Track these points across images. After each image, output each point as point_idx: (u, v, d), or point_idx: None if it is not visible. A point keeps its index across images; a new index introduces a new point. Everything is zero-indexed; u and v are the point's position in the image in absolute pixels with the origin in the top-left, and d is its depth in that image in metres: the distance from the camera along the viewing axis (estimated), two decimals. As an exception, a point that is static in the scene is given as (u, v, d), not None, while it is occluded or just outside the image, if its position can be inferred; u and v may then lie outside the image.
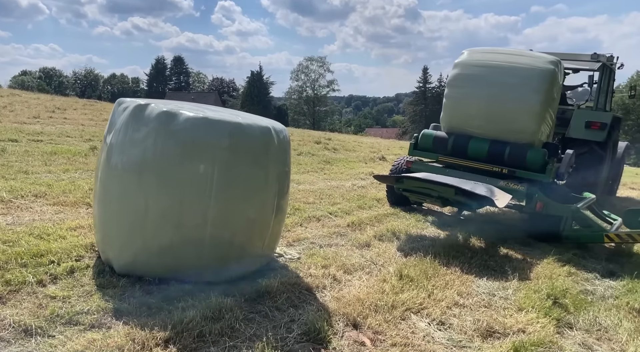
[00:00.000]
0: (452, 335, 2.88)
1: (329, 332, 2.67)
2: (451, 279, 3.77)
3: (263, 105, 56.78)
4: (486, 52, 5.77)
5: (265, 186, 3.11)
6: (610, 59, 7.81)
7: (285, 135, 3.40)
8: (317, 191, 6.47)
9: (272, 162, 3.15)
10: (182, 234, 2.87)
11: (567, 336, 3.02)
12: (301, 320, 2.73)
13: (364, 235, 4.64)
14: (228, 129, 2.93)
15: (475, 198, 4.53)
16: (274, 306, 2.89)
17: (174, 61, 77.74)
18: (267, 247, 3.33)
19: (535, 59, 5.44)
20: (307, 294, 3.19)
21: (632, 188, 11.89)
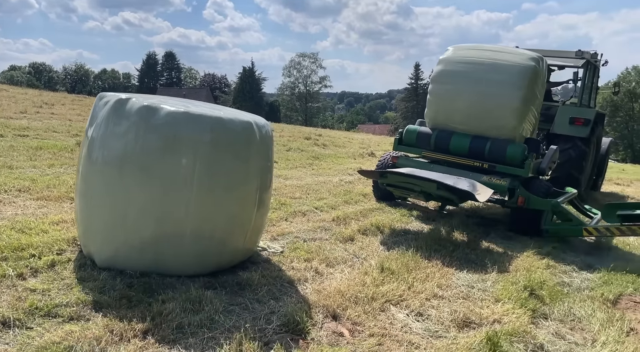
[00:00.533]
0: (429, 325, 2.94)
1: (308, 323, 2.71)
2: (432, 272, 3.83)
3: (255, 101, 56.62)
4: (470, 48, 5.83)
5: (247, 181, 3.15)
6: (594, 56, 7.92)
7: (268, 130, 3.43)
8: (304, 186, 6.51)
9: (253, 156, 3.18)
10: (164, 228, 2.90)
11: (542, 326, 3.10)
12: (281, 312, 2.77)
13: (348, 229, 4.69)
14: (209, 124, 2.96)
15: (456, 193, 4.60)
16: (255, 298, 2.93)
17: (166, 57, 77.11)
18: (250, 241, 3.36)
19: (518, 56, 5.51)
20: (288, 286, 3.23)
21: (617, 183, 12.09)
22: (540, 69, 5.47)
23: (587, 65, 7.86)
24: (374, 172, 5.43)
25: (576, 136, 7.39)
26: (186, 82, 77.70)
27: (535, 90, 5.49)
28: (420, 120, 6.26)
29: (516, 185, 5.20)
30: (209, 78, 74.19)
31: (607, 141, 9.42)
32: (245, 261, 3.48)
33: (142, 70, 75.13)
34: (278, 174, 7.17)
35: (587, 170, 8.05)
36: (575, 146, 7.40)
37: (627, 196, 9.33)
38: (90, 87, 75.17)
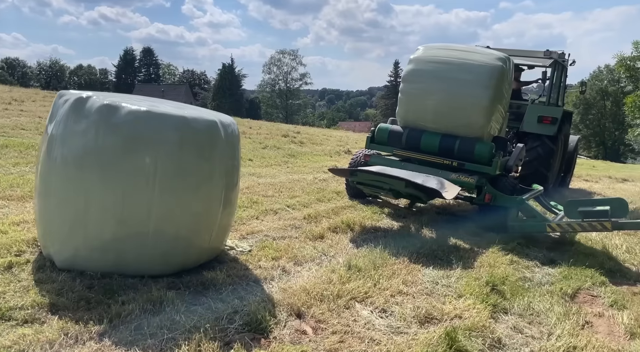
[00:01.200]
0: (392, 322, 2.99)
1: (271, 322, 2.73)
2: (398, 269, 3.89)
3: (235, 98, 56.17)
4: (440, 48, 5.92)
5: (212, 180, 3.14)
6: (562, 55, 8.14)
7: (234, 129, 3.42)
8: (277, 184, 6.51)
9: (218, 155, 3.17)
10: (125, 229, 2.87)
11: (501, 320, 3.19)
12: (244, 311, 2.78)
13: (319, 227, 4.72)
14: (172, 123, 2.94)
15: (424, 191, 4.68)
16: (219, 298, 2.93)
17: (143, 52, 75.74)
18: (216, 240, 3.36)
19: (485, 56, 5.62)
20: (254, 285, 3.24)
21: (586, 180, 12.42)
22: (507, 68, 5.59)
23: (555, 64, 8.07)
24: (344, 170, 5.47)
25: (544, 134, 7.59)
26: (165, 79, 76.46)
27: (503, 90, 5.61)
28: (392, 119, 6.33)
29: (483, 182, 5.31)
30: (188, 74, 73.23)
31: (574, 139, 9.69)
32: (212, 260, 3.47)
33: (119, 66, 73.66)
34: (252, 172, 7.16)
35: (555, 167, 8.29)
36: (543, 144, 7.61)
37: (594, 192, 9.62)
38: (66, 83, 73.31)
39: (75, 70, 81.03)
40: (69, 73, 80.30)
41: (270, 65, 62.80)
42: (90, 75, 79.40)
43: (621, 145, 48.00)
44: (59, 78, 76.57)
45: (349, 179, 5.30)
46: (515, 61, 8.52)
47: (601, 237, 5.28)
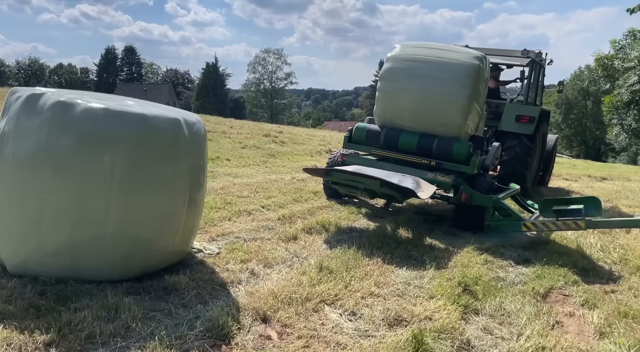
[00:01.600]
0: (360, 325, 2.92)
1: (234, 327, 2.63)
2: (371, 270, 3.83)
3: (219, 97, 55.68)
4: (417, 46, 5.88)
5: (175, 180, 3.03)
6: (539, 55, 8.18)
7: (200, 128, 3.32)
8: (253, 185, 6.41)
9: (182, 155, 3.06)
10: (81, 232, 2.74)
11: (472, 321, 3.14)
12: (206, 316, 2.68)
13: (292, 228, 4.64)
14: (131, 121, 2.82)
15: (399, 190, 4.62)
16: (180, 303, 2.82)
17: (126, 51, 74.64)
18: (181, 242, 3.25)
19: (462, 55, 5.60)
20: (220, 289, 3.14)
21: (565, 179, 12.56)
22: (483, 67, 5.57)
23: (532, 64, 8.11)
24: (319, 169, 5.40)
25: (522, 133, 7.62)
26: (147, 78, 75.47)
27: (479, 88, 5.60)
28: (370, 118, 6.27)
29: (460, 182, 5.29)
30: (172, 74, 72.38)
31: (553, 138, 9.78)
32: (178, 263, 3.36)
33: (100, 65, 72.48)
34: (228, 173, 7.04)
35: (533, 166, 8.33)
36: (521, 143, 7.64)
37: (572, 191, 9.72)
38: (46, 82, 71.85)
39: (56, 69, 79.53)
40: (49, 72, 78.81)
41: (255, 65, 62.48)
42: (70, 75, 78.01)
43: (602, 144, 48.91)
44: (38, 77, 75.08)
45: (324, 179, 5.22)
46: (494, 60, 8.57)
47: (576, 235, 5.29)
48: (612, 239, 5.37)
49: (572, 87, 50.89)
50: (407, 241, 4.72)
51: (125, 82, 69.49)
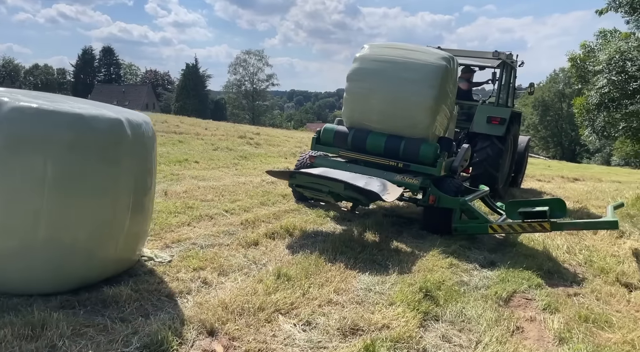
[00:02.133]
0: (314, 335, 2.79)
1: (174, 342, 2.47)
2: (332, 276, 3.71)
3: (199, 99, 55.05)
4: (385, 47, 5.80)
5: (116, 184, 2.84)
6: (510, 56, 8.21)
7: (147, 129, 3.14)
8: (219, 188, 6.22)
9: (124, 157, 2.88)
10: (8, 240, 2.54)
11: (431, 328, 3.04)
12: (145, 331, 2.51)
13: (255, 233, 4.48)
14: (66, 121, 2.63)
15: (363, 193, 4.52)
16: (119, 317, 2.64)
17: (103, 52, 73.32)
18: (125, 250, 3.06)
19: (430, 55, 5.53)
20: (166, 300, 2.97)
21: (539, 180, 12.69)
22: (451, 68, 5.52)
23: (503, 65, 8.13)
24: (282, 172, 5.26)
25: (493, 135, 7.63)
26: (126, 79, 74.25)
27: (447, 89, 5.54)
28: (339, 119, 6.16)
29: (428, 183, 5.21)
30: (151, 75, 71.35)
31: (525, 139, 9.84)
32: (123, 273, 3.17)
33: (77, 66, 71.04)
34: (195, 175, 6.83)
35: (505, 167, 8.35)
36: (492, 144, 7.64)
37: (544, 192, 9.79)
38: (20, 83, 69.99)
39: (31, 69, 77.72)
40: (24, 73, 77.03)
41: (236, 66, 62.02)
42: (47, 75, 76.34)
43: (577, 145, 49.99)
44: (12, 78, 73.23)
45: (288, 182, 5.07)
46: (465, 62, 8.60)
47: (543, 237, 5.27)
48: (579, 240, 5.37)
49: (548, 89, 51.90)
50: (373, 245, 4.61)
51: (103, 83, 68.28)
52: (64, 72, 77.24)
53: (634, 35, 7.91)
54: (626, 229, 5.84)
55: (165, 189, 5.62)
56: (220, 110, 59.64)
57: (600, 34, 9.21)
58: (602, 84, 8.22)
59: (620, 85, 7.94)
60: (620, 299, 3.65)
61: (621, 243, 5.31)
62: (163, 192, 5.48)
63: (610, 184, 12.46)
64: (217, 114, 52.66)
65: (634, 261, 4.58)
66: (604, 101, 8.29)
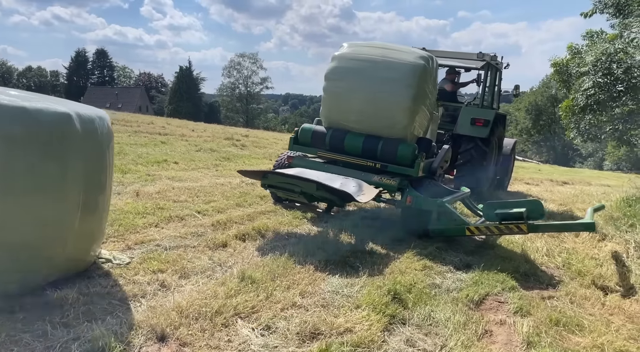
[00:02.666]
0: (271, 340, 2.67)
1: (118, 349, 2.34)
2: (300, 278, 3.58)
3: (192, 101, 54.75)
4: (364, 46, 5.71)
5: (64, 181, 2.71)
6: (494, 58, 8.14)
7: (101, 125, 3.01)
8: (195, 189, 6.09)
9: (73, 154, 2.74)
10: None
11: (397, 332, 2.93)
12: (87, 337, 2.38)
13: (224, 235, 4.35)
14: (7, 115, 2.50)
15: (337, 194, 4.41)
16: (62, 322, 2.50)
17: (97, 54, 72.90)
18: (76, 251, 2.92)
19: (408, 54, 5.44)
20: (117, 304, 2.83)
21: (527, 183, 12.64)
22: (430, 67, 5.43)
23: (487, 67, 8.06)
24: (254, 172, 5.15)
25: (477, 136, 7.55)
26: (120, 82, 73.89)
27: (426, 89, 5.45)
28: (318, 119, 6.06)
29: (405, 185, 5.11)
30: (145, 77, 70.98)
31: (511, 142, 9.77)
32: (75, 275, 3.03)
33: (70, 69, 70.57)
34: (172, 176, 6.69)
35: (490, 170, 8.26)
36: (476, 146, 7.56)
37: (530, 195, 9.72)
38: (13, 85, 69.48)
39: (24, 71, 77.23)
40: (17, 75, 76.54)
41: (230, 69, 61.84)
42: (40, 78, 75.86)
43: (570, 150, 50.22)
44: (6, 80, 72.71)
45: (261, 183, 4.95)
46: (450, 63, 8.53)
47: (523, 239, 5.17)
48: (559, 242, 5.28)
49: (541, 94, 52.15)
50: (347, 247, 4.49)
51: (96, 85, 67.88)
52: (57, 74, 76.73)
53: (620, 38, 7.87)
54: (609, 232, 5.76)
55: (138, 190, 5.48)
56: (214, 113, 59.37)
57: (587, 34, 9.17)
58: (588, 86, 8.17)
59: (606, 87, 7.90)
60: (594, 302, 3.55)
61: (602, 246, 5.22)
62: (135, 193, 5.34)
63: (599, 187, 12.44)
64: (211, 116, 52.39)
65: (613, 264, 4.49)
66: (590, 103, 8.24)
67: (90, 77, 71.64)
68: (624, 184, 10.49)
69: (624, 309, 3.42)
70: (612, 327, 3.08)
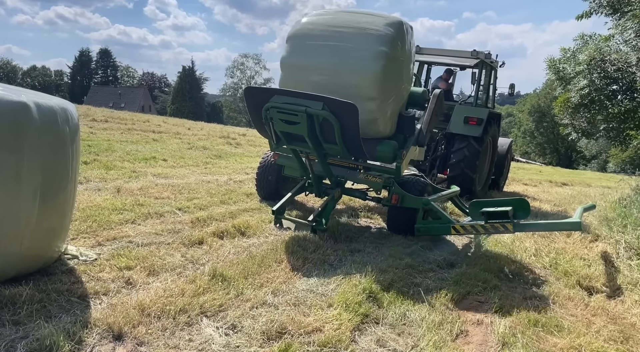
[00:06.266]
0: (234, 340, 2.57)
1: (66, 348, 2.24)
2: (274, 277, 3.49)
3: (195, 101, 54.78)
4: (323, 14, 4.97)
5: (19, 175, 2.61)
6: (489, 56, 8.02)
7: (65, 117, 2.91)
8: (180, 186, 5.99)
9: (29, 146, 2.64)
10: None
11: (368, 332, 2.82)
12: (36, 335, 2.28)
13: (202, 232, 4.25)
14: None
15: (341, 105, 3.96)
16: (12, 320, 2.41)
17: (101, 54, 73.16)
18: (35, 247, 2.82)
19: (376, 19, 4.72)
20: (76, 302, 2.74)
21: (525, 184, 12.49)
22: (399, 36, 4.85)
23: (481, 65, 7.94)
24: (263, 89, 4.56)
25: (470, 135, 7.42)
26: (123, 81, 74.09)
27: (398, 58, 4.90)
28: None
29: (391, 182, 4.99)
30: (148, 77, 71.22)
31: (507, 141, 9.64)
32: (36, 271, 2.94)
33: (74, 68, 70.88)
34: (158, 173, 6.60)
35: (483, 169, 8.13)
36: (469, 145, 7.43)
37: (526, 195, 9.57)
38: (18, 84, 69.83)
39: (29, 71, 77.67)
40: (22, 74, 76.99)
41: (234, 69, 61.97)
42: (44, 77, 76.26)
43: (573, 152, 49.80)
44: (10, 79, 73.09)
45: (262, 111, 4.26)
46: (444, 61, 8.41)
47: (512, 239, 5.05)
48: (549, 242, 5.14)
49: (544, 95, 51.80)
50: (328, 245, 4.37)
51: (99, 85, 68.08)
52: (61, 73, 77.13)
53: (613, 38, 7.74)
54: (601, 232, 5.62)
55: (119, 186, 5.39)
56: (217, 113, 59.38)
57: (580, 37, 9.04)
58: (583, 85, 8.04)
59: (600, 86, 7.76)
60: (577, 303, 3.43)
61: (593, 246, 5.09)
62: (116, 190, 5.25)
63: (598, 189, 12.26)
64: (214, 116, 52.38)
65: (602, 265, 4.36)
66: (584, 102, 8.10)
67: (93, 76, 71.91)
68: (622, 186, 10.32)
69: (607, 310, 3.30)
70: (593, 328, 2.96)
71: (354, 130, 4.08)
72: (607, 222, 6.40)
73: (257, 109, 4.37)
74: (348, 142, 4.25)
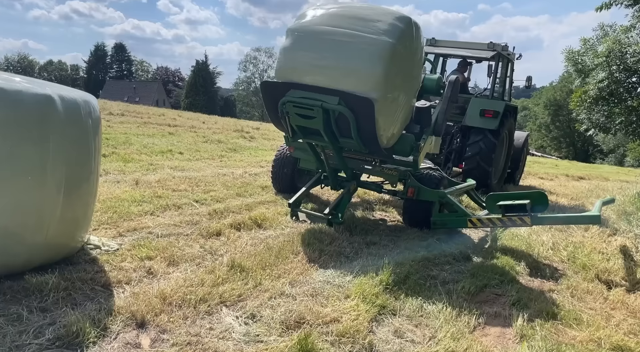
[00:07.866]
0: (254, 329, 2.61)
1: (92, 334, 2.30)
2: (292, 268, 3.52)
3: (208, 95, 55.08)
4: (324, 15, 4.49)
5: (43, 166, 2.67)
6: (505, 48, 7.90)
7: (88, 109, 2.97)
8: (197, 178, 6.06)
9: (54, 137, 2.70)
10: None
11: (385, 323, 2.84)
12: (63, 322, 2.35)
13: (219, 223, 4.30)
14: (-13, 97, 2.48)
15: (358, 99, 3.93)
16: (40, 306, 2.48)
17: (115, 48, 73.93)
18: (59, 237, 2.89)
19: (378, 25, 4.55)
20: (100, 290, 2.81)
21: (541, 178, 12.32)
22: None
23: (498, 57, 7.83)
24: (277, 83, 4.56)
25: (486, 128, 7.35)
26: (138, 76, 74.82)
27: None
28: None
29: (407, 175, 4.98)
30: (162, 71, 71.77)
31: (523, 135, 9.51)
32: (61, 261, 3.02)
33: (90, 63, 71.77)
34: (175, 166, 6.69)
35: (500, 162, 8.05)
36: (485, 138, 7.36)
37: (542, 189, 9.45)
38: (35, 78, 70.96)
39: (45, 65, 78.94)
40: (39, 68, 78.26)
41: (246, 63, 62.14)
42: (60, 71, 77.43)
43: (590, 146, 48.90)
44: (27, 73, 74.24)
45: (279, 104, 4.26)
46: (460, 53, 8.31)
47: (529, 233, 5.01)
48: (566, 236, 5.09)
49: (560, 88, 50.83)
50: (344, 238, 4.39)
51: (114, 79, 68.84)
52: (77, 68, 78.22)
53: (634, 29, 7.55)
54: (620, 226, 5.54)
55: (138, 179, 5.48)
56: (230, 107, 59.66)
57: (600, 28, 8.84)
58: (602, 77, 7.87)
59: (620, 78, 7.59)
60: (596, 297, 3.40)
61: (611, 240, 5.02)
62: (134, 182, 5.34)
63: (616, 183, 12.04)
64: (227, 110, 52.61)
65: (621, 258, 4.30)
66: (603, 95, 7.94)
67: (109, 70, 72.75)
68: None
69: (627, 303, 3.27)
70: (612, 322, 2.93)
71: (370, 125, 4.08)
72: (626, 216, 6.30)
73: (274, 103, 4.39)
74: (364, 137, 4.26)
